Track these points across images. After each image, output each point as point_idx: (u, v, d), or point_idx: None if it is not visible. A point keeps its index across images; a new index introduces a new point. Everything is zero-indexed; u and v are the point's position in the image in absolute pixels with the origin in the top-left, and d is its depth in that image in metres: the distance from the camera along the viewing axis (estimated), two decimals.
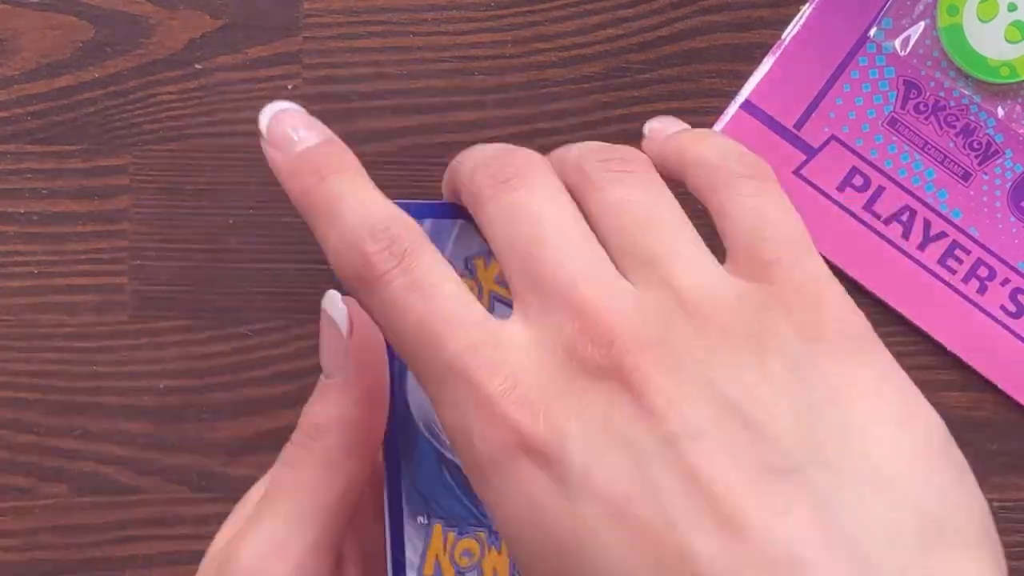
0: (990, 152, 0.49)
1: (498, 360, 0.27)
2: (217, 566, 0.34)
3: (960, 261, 0.49)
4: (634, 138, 0.49)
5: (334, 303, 0.34)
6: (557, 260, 0.28)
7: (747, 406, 0.26)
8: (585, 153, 0.32)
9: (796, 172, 0.49)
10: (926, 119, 0.49)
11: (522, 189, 0.30)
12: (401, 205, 0.30)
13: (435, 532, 0.35)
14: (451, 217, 0.33)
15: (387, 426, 0.34)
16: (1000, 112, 0.49)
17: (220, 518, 0.37)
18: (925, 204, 0.49)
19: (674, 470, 0.26)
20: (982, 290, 0.49)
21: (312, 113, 0.38)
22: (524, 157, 0.31)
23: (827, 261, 0.49)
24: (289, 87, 0.48)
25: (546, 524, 0.27)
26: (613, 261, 0.29)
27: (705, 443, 0.26)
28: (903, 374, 0.30)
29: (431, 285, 0.29)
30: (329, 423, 0.34)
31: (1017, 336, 0.49)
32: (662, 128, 0.36)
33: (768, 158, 0.49)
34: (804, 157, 0.49)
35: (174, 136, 0.48)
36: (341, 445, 0.33)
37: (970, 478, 0.28)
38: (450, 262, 0.30)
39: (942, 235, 0.49)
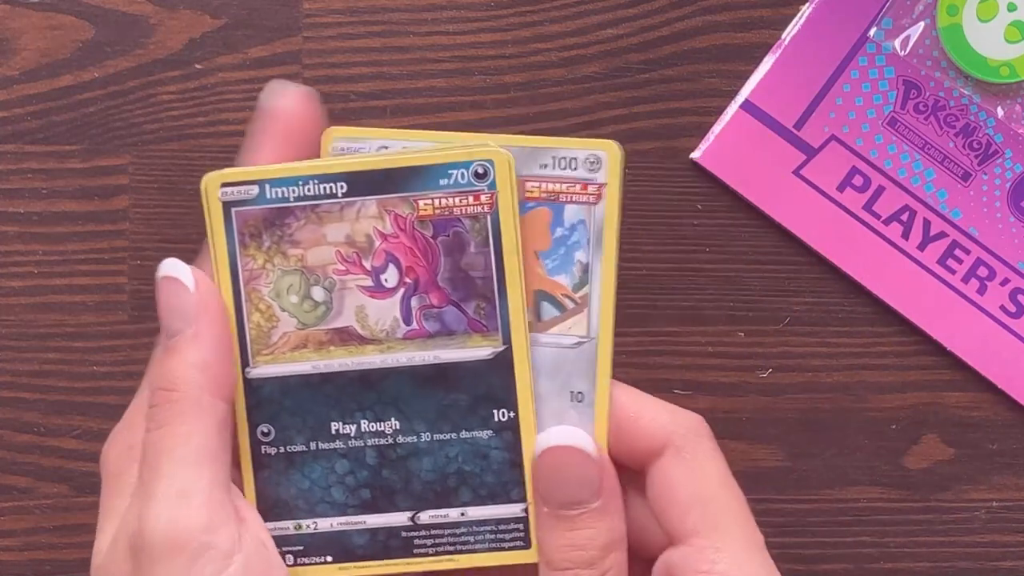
0: (990, 152, 0.49)
1: None
2: (127, 547, 0.34)
3: (960, 261, 0.49)
4: (633, 138, 0.49)
5: (176, 265, 0.36)
6: None
7: None
8: None
9: (796, 172, 0.49)
10: (926, 119, 0.49)
11: None
12: None
13: None
14: None
15: None
16: (1000, 112, 0.49)
17: None
18: (925, 204, 0.49)
19: None
20: (982, 290, 0.49)
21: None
22: None
23: (827, 261, 0.49)
24: None
25: None
26: None
27: None
28: None
29: None
30: (188, 370, 0.35)
31: (1017, 336, 0.49)
32: None
33: (768, 158, 0.49)
34: (804, 157, 0.49)
35: (174, 136, 0.48)
36: (207, 386, 0.35)
37: None
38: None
39: (942, 235, 0.49)
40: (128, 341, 0.47)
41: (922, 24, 0.49)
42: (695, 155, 0.49)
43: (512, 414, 0.37)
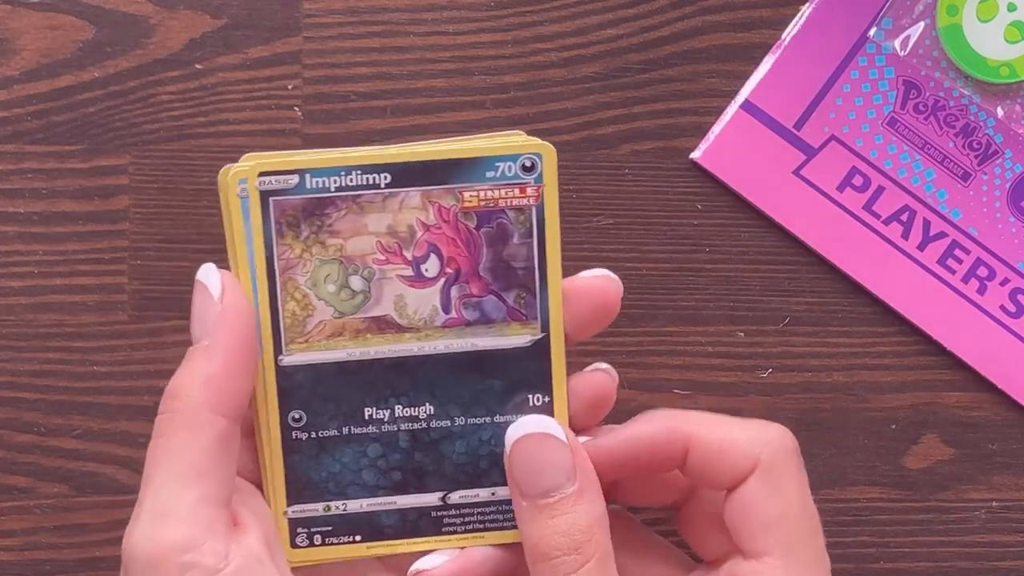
0: (989, 152, 0.49)
1: None
2: (122, 567, 0.34)
3: (960, 261, 0.49)
4: (634, 138, 0.49)
5: (209, 271, 0.36)
6: None
7: None
8: None
9: (796, 172, 0.49)
10: (926, 119, 0.49)
11: None
12: None
13: None
14: None
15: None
16: (1000, 112, 0.49)
17: None
18: (925, 204, 0.49)
19: None
20: (982, 290, 0.49)
21: (312, 113, 0.38)
22: None
23: (827, 261, 0.49)
24: (289, 87, 0.48)
25: None
26: None
27: None
28: None
29: None
30: (192, 383, 0.35)
31: (1017, 336, 0.49)
32: None
33: (768, 158, 0.49)
34: (804, 157, 0.49)
35: (174, 136, 0.48)
36: (207, 402, 0.35)
37: None
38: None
39: (942, 235, 0.49)
40: (128, 341, 0.47)
41: (922, 24, 0.49)
42: (695, 155, 0.49)
43: (547, 399, 0.38)
